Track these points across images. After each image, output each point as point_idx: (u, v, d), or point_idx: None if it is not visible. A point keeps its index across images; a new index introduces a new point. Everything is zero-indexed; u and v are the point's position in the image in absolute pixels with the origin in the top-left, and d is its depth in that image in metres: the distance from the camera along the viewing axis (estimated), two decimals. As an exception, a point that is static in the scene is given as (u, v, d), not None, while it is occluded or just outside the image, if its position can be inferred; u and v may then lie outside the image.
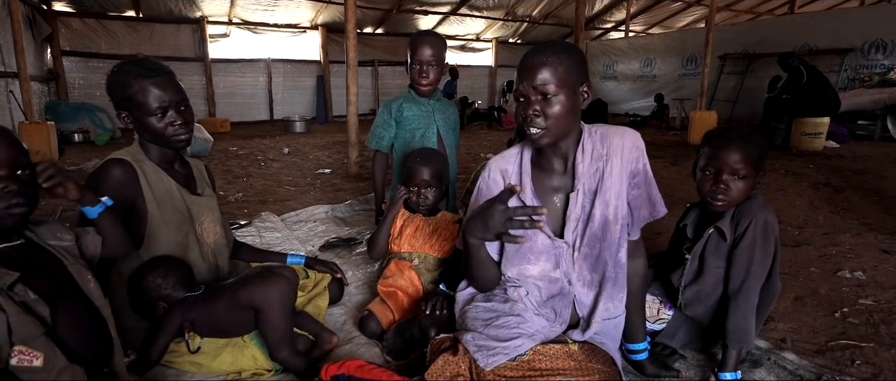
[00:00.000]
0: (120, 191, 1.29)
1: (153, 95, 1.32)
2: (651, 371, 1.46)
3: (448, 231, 1.83)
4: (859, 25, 8.40)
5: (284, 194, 4.06)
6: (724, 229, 1.45)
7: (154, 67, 1.35)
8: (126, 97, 1.32)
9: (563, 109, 1.15)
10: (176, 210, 1.40)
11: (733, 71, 10.14)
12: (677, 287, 1.59)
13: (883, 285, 2.15)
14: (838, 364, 1.56)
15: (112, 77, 1.34)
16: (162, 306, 1.35)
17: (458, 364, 1.14)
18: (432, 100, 2.26)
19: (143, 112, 1.32)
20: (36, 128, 5.30)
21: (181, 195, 1.42)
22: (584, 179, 1.24)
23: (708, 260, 1.50)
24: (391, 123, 2.26)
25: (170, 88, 1.35)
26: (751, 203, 1.45)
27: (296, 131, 8.87)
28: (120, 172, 1.30)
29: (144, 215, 1.35)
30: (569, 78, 1.15)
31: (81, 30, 8.44)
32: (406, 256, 1.83)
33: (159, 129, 1.34)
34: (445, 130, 2.30)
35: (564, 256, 1.27)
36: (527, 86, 1.16)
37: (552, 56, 1.15)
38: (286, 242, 2.75)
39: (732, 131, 1.45)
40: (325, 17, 10.37)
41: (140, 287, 1.34)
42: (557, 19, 12.46)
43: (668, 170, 5.13)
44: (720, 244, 1.47)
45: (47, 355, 0.92)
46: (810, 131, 6.13)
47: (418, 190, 1.80)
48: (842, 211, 3.41)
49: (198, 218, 1.46)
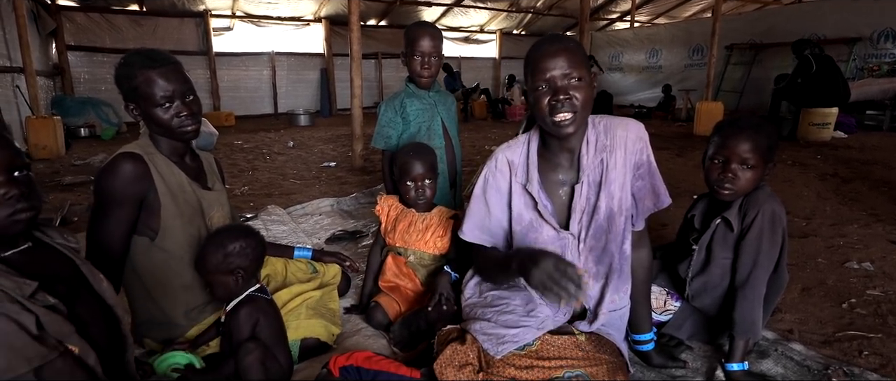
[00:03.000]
0: (132, 186, 1.28)
1: (158, 85, 1.30)
2: (657, 362, 1.47)
3: (443, 228, 1.78)
4: (868, 14, 8.28)
5: (290, 187, 4.08)
6: (731, 219, 1.44)
7: (159, 57, 1.33)
8: (132, 88, 1.31)
9: (590, 93, 1.16)
10: (187, 203, 1.40)
11: (740, 61, 10.03)
12: (684, 278, 1.59)
13: (891, 276, 2.14)
14: (846, 355, 1.56)
15: (119, 69, 1.33)
16: (238, 275, 1.30)
17: (466, 353, 1.15)
18: (432, 92, 2.25)
19: (149, 103, 1.31)
20: (42, 123, 5.33)
21: (192, 189, 1.42)
22: (589, 171, 1.23)
23: (715, 251, 1.50)
24: (397, 121, 2.26)
25: (175, 77, 1.33)
26: (758, 194, 1.44)
27: (300, 125, 8.88)
28: (131, 167, 1.29)
29: (158, 208, 1.34)
30: (586, 64, 1.17)
31: (86, 24, 8.45)
32: (401, 251, 1.82)
33: (165, 120, 1.33)
34: (449, 121, 2.29)
35: (570, 248, 1.27)
36: (556, 72, 1.13)
37: (571, 43, 1.16)
38: (292, 235, 2.76)
39: (744, 120, 1.44)
40: (329, 9, 10.33)
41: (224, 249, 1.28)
42: (562, 10, 12.36)
43: (674, 161, 5.11)
44: (727, 235, 1.47)
45: (82, 348, 0.93)
46: (818, 121, 6.07)
47: (415, 184, 1.76)
48: (849, 202, 3.39)
49: (208, 212, 1.45)
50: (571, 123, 1.15)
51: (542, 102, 1.15)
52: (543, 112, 1.16)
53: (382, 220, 1.87)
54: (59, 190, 3.90)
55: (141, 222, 1.34)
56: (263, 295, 1.35)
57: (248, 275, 1.32)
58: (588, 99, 1.16)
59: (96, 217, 1.30)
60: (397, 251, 1.83)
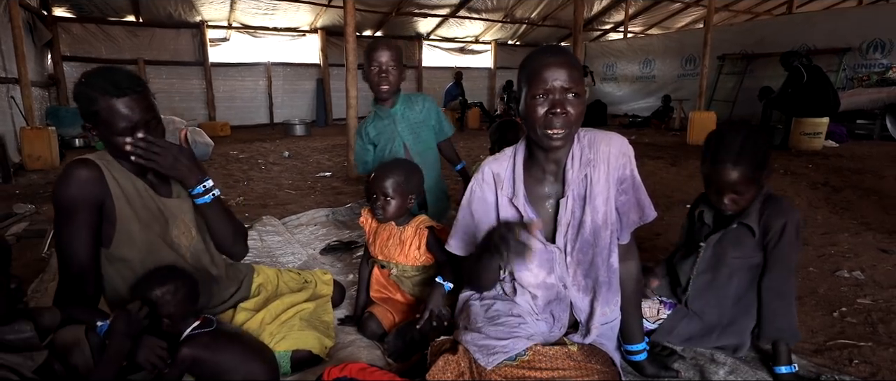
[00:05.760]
0: (87, 189, 1.24)
1: (120, 115, 1.24)
2: (650, 371, 1.47)
3: (419, 240, 1.73)
4: (857, 25, 8.41)
5: (285, 197, 4.08)
6: (751, 224, 1.46)
7: (123, 83, 1.25)
8: (92, 112, 1.26)
9: (583, 110, 1.17)
10: (146, 208, 1.35)
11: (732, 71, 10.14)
12: (686, 279, 1.59)
13: (881, 285, 2.16)
14: (837, 363, 1.57)
15: (79, 88, 1.27)
16: (166, 322, 1.28)
17: (458, 363, 1.15)
18: (394, 108, 2.22)
19: (110, 131, 1.26)
20: (37, 133, 5.31)
21: (150, 195, 1.37)
22: (574, 186, 1.24)
23: (727, 251, 1.51)
24: (368, 147, 2.28)
25: (138, 107, 1.26)
26: (780, 203, 1.47)
27: (296, 135, 8.89)
28: (86, 172, 1.24)
29: (113, 215, 1.29)
30: (582, 81, 1.17)
31: (82, 35, 8.47)
32: (384, 264, 1.80)
33: (126, 151, 1.27)
34: (413, 136, 2.24)
35: (558, 261, 1.28)
36: (556, 83, 1.12)
37: (568, 56, 1.16)
38: (287, 245, 2.76)
39: (726, 146, 1.42)
40: (325, 20, 10.40)
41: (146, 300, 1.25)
42: (556, 21, 12.49)
43: (668, 170, 5.14)
44: (743, 237, 1.49)
45: None
46: (809, 131, 6.14)
47: (375, 201, 1.72)
48: (840, 210, 3.42)
49: (171, 221, 1.41)
50: (562, 138, 1.16)
51: (537, 112, 1.14)
52: (537, 122, 1.15)
53: (366, 231, 1.87)
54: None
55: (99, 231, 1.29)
56: (205, 329, 1.31)
57: (177, 319, 1.29)
58: (581, 115, 1.17)
59: (58, 228, 1.26)
60: (381, 264, 1.82)
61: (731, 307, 1.54)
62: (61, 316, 1.16)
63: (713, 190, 1.48)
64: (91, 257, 1.29)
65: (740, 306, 1.53)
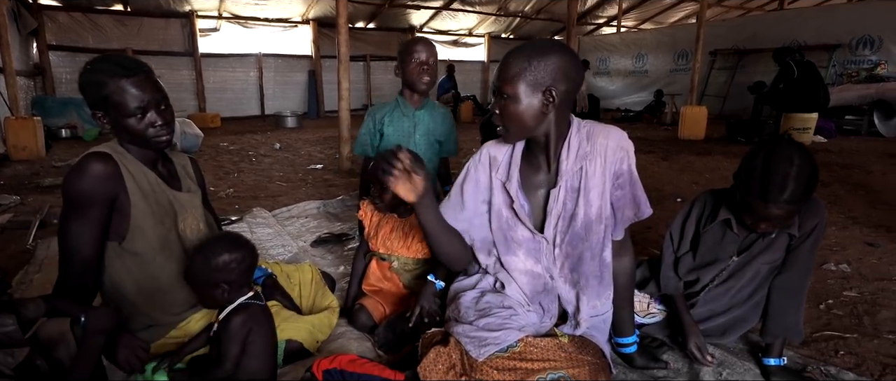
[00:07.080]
0: (102, 185, 1.24)
1: (131, 94, 1.24)
2: (640, 363, 1.48)
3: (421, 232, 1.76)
4: (847, 21, 8.50)
5: (276, 189, 4.05)
6: (794, 233, 1.41)
7: (131, 65, 1.26)
8: (102, 97, 1.25)
9: (517, 110, 1.16)
10: (159, 204, 1.36)
11: (724, 66, 10.21)
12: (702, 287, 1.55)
13: (867, 278, 2.19)
14: (823, 355, 1.59)
15: (86, 76, 1.27)
16: (224, 289, 1.26)
17: (449, 355, 1.15)
18: (419, 111, 2.21)
19: (122, 113, 1.25)
20: (22, 123, 5.22)
21: (163, 189, 1.37)
22: (567, 177, 1.24)
23: (756, 257, 1.46)
24: (375, 134, 2.27)
25: (149, 86, 1.28)
26: (816, 203, 1.41)
27: (287, 126, 8.82)
28: (101, 166, 1.24)
29: (127, 210, 1.29)
30: (531, 80, 1.14)
31: (68, 24, 8.31)
32: (384, 256, 1.80)
33: (139, 130, 1.28)
34: (426, 145, 2.25)
35: (545, 251, 1.29)
36: (496, 81, 1.20)
37: (518, 57, 1.15)
38: (277, 237, 2.74)
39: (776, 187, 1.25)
40: (317, 11, 10.29)
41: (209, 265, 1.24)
42: (549, 14, 12.46)
43: (659, 165, 5.17)
44: (779, 242, 1.44)
45: None
46: (799, 126, 6.20)
47: (376, 188, 1.73)
48: (828, 205, 3.46)
49: (181, 214, 1.41)
50: (505, 133, 1.22)
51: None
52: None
53: (365, 225, 1.86)
54: (39, 192, 3.82)
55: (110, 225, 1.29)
56: (257, 302, 1.32)
57: (235, 287, 1.28)
58: (514, 114, 1.16)
59: (66, 220, 1.24)
60: (381, 257, 1.81)
61: (742, 305, 1.51)
62: (46, 307, 1.14)
63: (751, 217, 1.36)
64: (96, 252, 1.29)
65: (750, 304, 1.51)
